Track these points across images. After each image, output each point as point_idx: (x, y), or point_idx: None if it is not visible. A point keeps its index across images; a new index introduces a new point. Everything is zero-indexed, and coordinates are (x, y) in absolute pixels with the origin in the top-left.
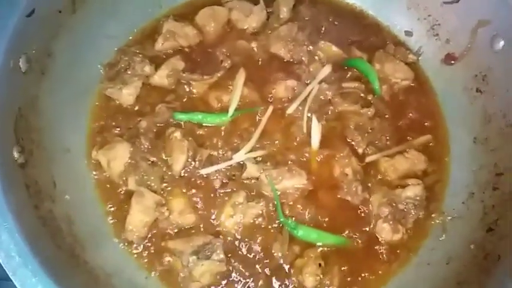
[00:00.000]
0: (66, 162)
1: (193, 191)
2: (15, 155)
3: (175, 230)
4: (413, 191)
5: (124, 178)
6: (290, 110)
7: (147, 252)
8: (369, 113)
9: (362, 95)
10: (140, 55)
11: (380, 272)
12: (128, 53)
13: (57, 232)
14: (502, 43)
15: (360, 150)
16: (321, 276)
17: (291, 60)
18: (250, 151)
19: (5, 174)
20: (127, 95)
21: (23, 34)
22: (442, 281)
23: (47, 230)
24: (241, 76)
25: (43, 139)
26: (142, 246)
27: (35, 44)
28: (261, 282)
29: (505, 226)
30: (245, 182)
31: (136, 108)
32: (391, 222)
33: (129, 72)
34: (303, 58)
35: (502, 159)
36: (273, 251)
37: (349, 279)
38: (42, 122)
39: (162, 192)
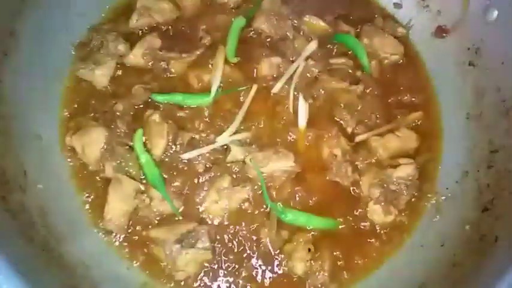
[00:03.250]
0: (37, 150)
1: (175, 176)
2: None
3: (157, 218)
4: (405, 170)
5: (100, 165)
6: (275, 89)
7: (128, 242)
8: (358, 90)
9: (350, 71)
10: (114, 33)
11: (372, 255)
12: (100, 31)
13: (29, 224)
14: (495, 13)
15: (349, 130)
16: (311, 261)
17: (275, 35)
18: (235, 133)
19: None
20: (100, 75)
21: None
22: (436, 262)
23: (17, 223)
24: (221, 54)
25: (10, 126)
26: (122, 235)
27: None
28: (249, 270)
29: (501, 206)
30: (230, 165)
31: (111, 90)
32: (382, 203)
33: (102, 52)
34: (287, 33)
35: (496, 136)
36: (260, 237)
37: (340, 263)
38: (8, 107)
39: (141, 178)
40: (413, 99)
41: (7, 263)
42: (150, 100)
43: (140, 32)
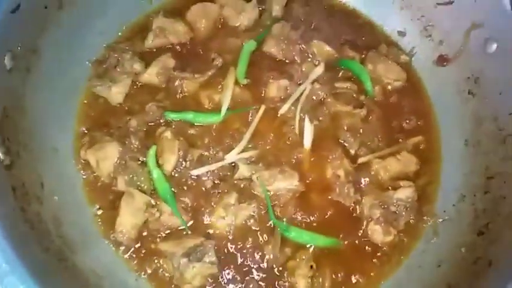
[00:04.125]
0: (54, 163)
1: (184, 191)
2: (1, 156)
3: (166, 232)
4: (405, 193)
5: (113, 178)
6: (282, 110)
7: (137, 254)
8: (362, 113)
9: (354, 95)
10: (130, 52)
11: (371, 274)
12: (117, 49)
13: (46, 235)
14: (494, 46)
15: (352, 152)
16: (313, 278)
17: (284, 59)
18: (242, 151)
19: None
20: (116, 93)
21: (7, 31)
22: (432, 283)
23: (35, 233)
24: (231, 75)
25: (30, 139)
26: (132, 247)
27: (20, 40)
28: (252, 285)
29: (495, 230)
30: (237, 182)
31: (126, 106)
32: (382, 224)
33: (118, 70)
34: (295, 57)
35: (493, 163)
36: (264, 253)
37: (340, 281)
38: (28, 121)
39: (152, 193)
40: (414, 124)
41: (28, 272)
42: (162, 117)
43: (155, 51)
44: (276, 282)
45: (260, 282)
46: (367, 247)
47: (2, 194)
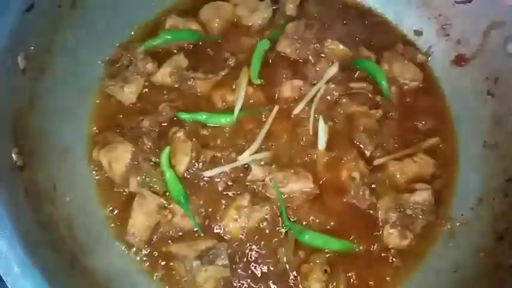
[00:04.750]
0: (66, 163)
1: (197, 193)
2: (14, 157)
3: (179, 234)
4: (422, 196)
5: (126, 179)
6: (296, 111)
7: (149, 256)
8: (377, 114)
9: (370, 95)
10: (142, 52)
11: (387, 278)
12: (129, 49)
13: (57, 236)
14: None
15: (368, 153)
16: (327, 282)
17: (298, 59)
18: (255, 153)
19: (3, 177)
20: (129, 93)
21: (21, 30)
22: None
23: (46, 234)
24: (245, 75)
25: (42, 139)
26: (144, 249)
27: (34, 40)
28: None
29: None
30: (249, 184)
31: (139, 106)
32: (399, 227)
33: (130, 70)
34: (309, 57)
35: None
36: (278, 256)
37: (355, 285)
38: (41, 121)
39: (164, 194)
40: (431, 125)
41: (41, 275)
42: (175, 118)
43: (168, 51)
44: (290, 286)
45: (273, 286)
46: (382, 251)
47: (15, 195)
